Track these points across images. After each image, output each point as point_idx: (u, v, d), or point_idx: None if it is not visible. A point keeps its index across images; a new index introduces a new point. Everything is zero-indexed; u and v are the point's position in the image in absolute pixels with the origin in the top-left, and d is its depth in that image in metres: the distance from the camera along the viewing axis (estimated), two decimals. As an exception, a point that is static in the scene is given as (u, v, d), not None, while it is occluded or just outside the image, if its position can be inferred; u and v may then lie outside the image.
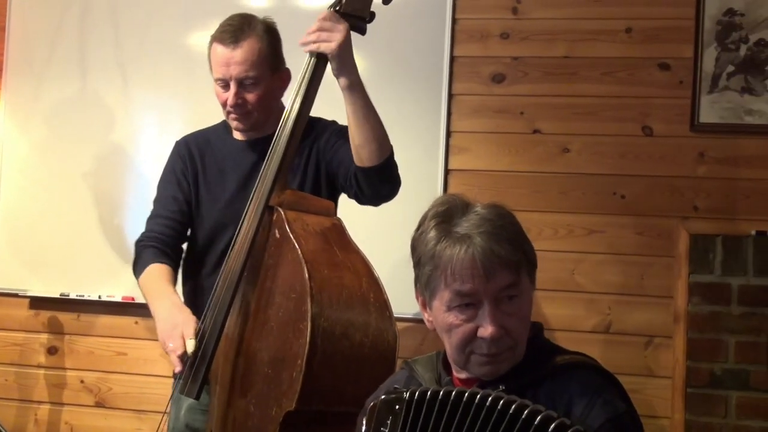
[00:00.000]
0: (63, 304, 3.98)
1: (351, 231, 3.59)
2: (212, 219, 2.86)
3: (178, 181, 2.90)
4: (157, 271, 2.77)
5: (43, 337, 4.02)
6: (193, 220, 2.90)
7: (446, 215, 1.77)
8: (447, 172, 3.73)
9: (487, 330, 1.73)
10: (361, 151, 2.63)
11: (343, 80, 2.58)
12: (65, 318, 4.01)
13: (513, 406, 1.61)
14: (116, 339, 3.85)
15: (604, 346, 3.50)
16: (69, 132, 4.02)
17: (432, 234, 1.76)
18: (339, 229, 2.57)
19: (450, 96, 3.75)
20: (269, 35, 2.79)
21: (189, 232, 2.92)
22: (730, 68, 3.54)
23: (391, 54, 3.78)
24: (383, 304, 2.43)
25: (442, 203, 1.81)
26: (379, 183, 2.69)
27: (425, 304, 1.83)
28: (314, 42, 2.57)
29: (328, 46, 2.54)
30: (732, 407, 3.41)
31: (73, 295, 3.92)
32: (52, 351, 4.01)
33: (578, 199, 3.65)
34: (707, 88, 3.54)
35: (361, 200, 2.76)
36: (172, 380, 2.82)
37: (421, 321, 2.13)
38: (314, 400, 2.30)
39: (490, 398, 1.63)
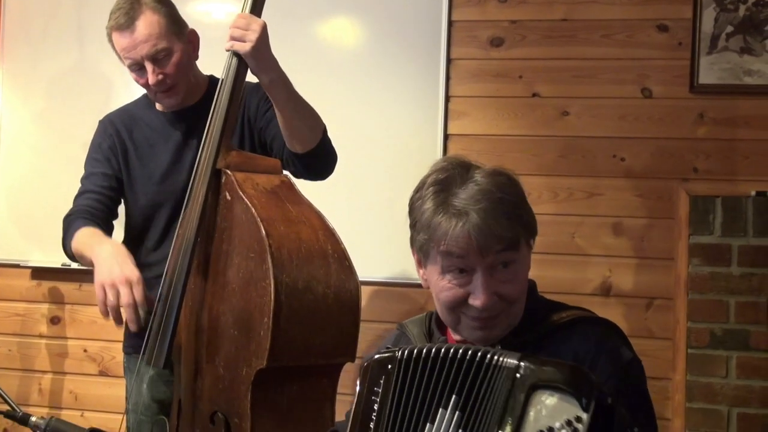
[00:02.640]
0: (64, 274, 3.99)
1: (349, 198, 3.62)
2: (148, 195, 2.85)
3: (107, 158, 2.87)
4: (91, 230, 2.69)
5: (45, 308, 4.04)
6: (126, 198, 2.88)
7: (445, 184, 1.75)
8: (446, 137, 3.73)
9: (478, 299, 1.73)
10: (292, 140, 2.63)
11: (263, 78, 2.54)
12: (67, 288, 4.02)
13: (507, 360, 1.60)
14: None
15: (605, 309, 3.51)
16: (68, 102, 4.02)
17: (429, 204, 1.75)
18: (288, 185, 2.58)
19: (448, 61, 3.74)
20: (161, 4, 2.74)
21: (124, 211, 2.90)
22: (729, 29, 3.52)
23: (389, 20, 3.77)
24: (342, 255, 2.45)
25: (442, 170, 1.78)
26: (313, 165, 2.69)
27: (420, 263, 1.84)
28: (228, 42, 2.51)
29: (242, 47, 2.48)
30: (732, 367, 3.42)
31: (74, 265, 3.91)
32: (54, 321, 4.02)
33: (578, 162, 3.64)
34: (706, 48, 3.53)
35: (297, 177, 2.75)
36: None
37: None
38: (284, 356, 2.32)
39: (486, 353, 1.62)
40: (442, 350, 1.65)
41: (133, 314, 2.42)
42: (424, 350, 1.67)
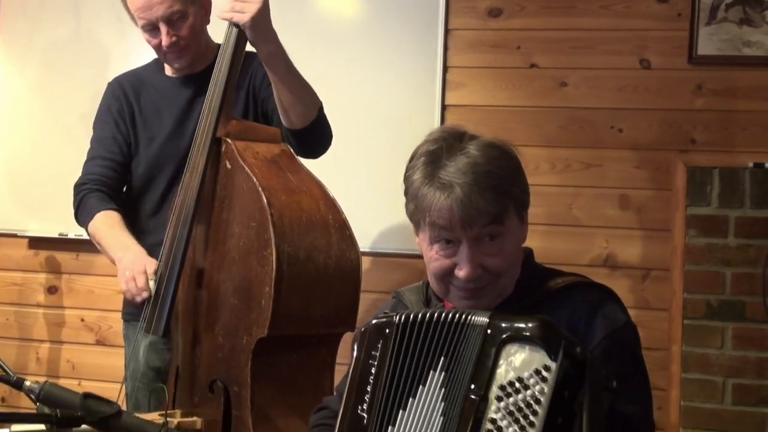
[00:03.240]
0: (62, 243, 3.99)
1: (346, 168, 3.61)
2: (150, 158, 2.85)
3: (115, 121, 2.87)
4: (109, 218, 2.75)
5: (42, 277, 4.04)
6: (132, 160, 2.89)
7: (434, 156, 1.75)
8: (444, 107, 3.72)
9: (462, 271, 1.74)
10: (288, 115, 2.63)
11: (261, 50, 2.53)
12: (64, 257, 4.02)
13: (478, 318, 1.63)
14: (116, 278, 3.84)
15: (602, 280, 3.38)
16: (65, 72, 4.01)
17: (418, 175, 1.76)
18: (288, 155, 2.58)
19: (446, 31, 3.73)
20: None
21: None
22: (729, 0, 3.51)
23: (387, -11, 3.76)
24: (342, 224, 2.46)
25: (435, 140, 1.78)
26: (309, 142, 2.69)
27: (415, 230, 1.86)
28: (228, 12, 2.50)
29: (241, 18, 2.47)
30: (728, 338, 3.44)
31: (71, 235, 3.93)
32: (51, 290, 4.03)
33: (575, 133, 3.64)
34: (705, 19, 3.52)
35: (296, 153, 2.76)
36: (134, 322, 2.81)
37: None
38: (284, 324, 2.34)
39: (461, 314, 1.65)
40: (435, 314, 1.68)
41: (144, 281, 2.52)
42: (419, 315, 1.70)
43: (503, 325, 1.60)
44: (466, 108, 3.72)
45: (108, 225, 2.75)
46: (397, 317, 1.72)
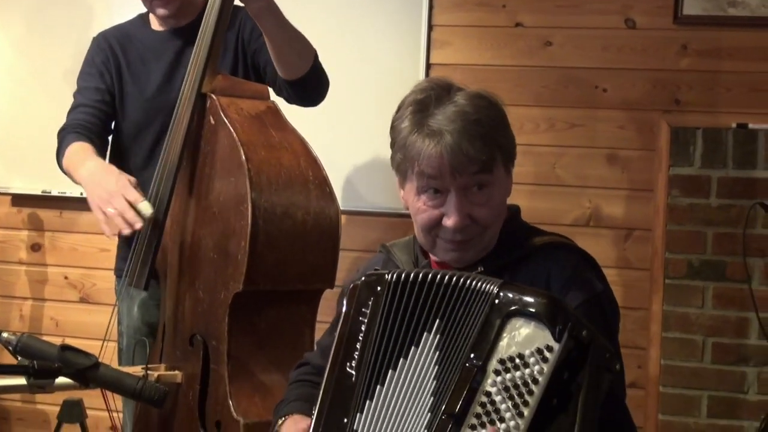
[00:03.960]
0: (45, 201, 3.98)
1: (331, 127, 3.60)
2: (138, 112, 2.84)
3: (100, 72, 2.86)
4: (80, 146, 2.70)
5: (25, 234, 4.03)
6: (117, 114, 2.87)
7: (423, 104, 1.75)
8: (428, 66, 3.71)
9: (450, 219, 1.75)
10: (283, 66, 2.62)
11: (251, 6, 2.50)
12: (47, 215, 4.01)
13: (487, 286, 1.61)
14: (99, 235, 3.81)
15: (585, 239, 3.48)
16: (48, 29, 3.97)
17: (406, 123, 1.76)
18: (274, 111, 2.58)
19: (432, -10, 3.71)
20: None
21: (113, 127, 2.89)
22: (715, -42, 3.50)
23: (372, -54, 3.73)
24: (323, 181, 2.47)
25: (423, 90, 1.78)
26: (305, 91, 2.69)
27: (400, 183, 1.85)
28: None
29: None
30: (709, 298, 3.46)
31: (54, 192, 3.92)
32: (35, 248, 4.02)
33: (560, 93, 3.63)
34: (691, -21, 3.51)
35: (291, 103, 2.76)
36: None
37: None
38: (261, 280, 2.35)
39: (468, 279, 1.64)
40: (430, 275, 1.66)
41: (133, 215, 2.42)
42: (412, 274, 1.69)
43: (511, 296, 1.58)
44: (450, 67, 3.70)
45: (75, 152, 2.69)
46: (390, 275, 1.71)
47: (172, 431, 2.56)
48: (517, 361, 1.53)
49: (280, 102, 2.72)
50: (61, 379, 2.33)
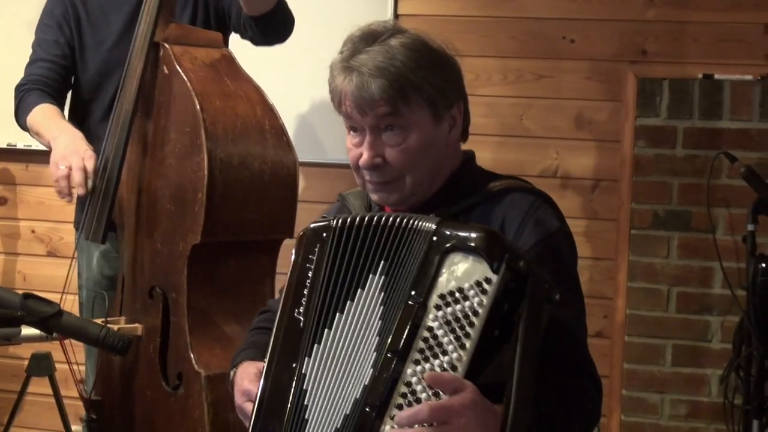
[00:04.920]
0: (11, 154, 3.95)
1: (293, 78, 3.57)
2: (98, 63, 2.83)
3: (58, 24, 2.84)
4: (48, 110, 2.72)
5: (-9, 188, 4.01)
6: (77, 66, 2.85)
7: (355, 42, 1.76)
8: (396, 17, 3.68)
9: (361, 158, 1.77)
10: (247, 3, 2.60)
11: None
12: (14, 168, 3.99)
13: (425, 224, 1.62)
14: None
15: (552, 191, 3.40)
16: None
17: (337, 59, 1.78)
18: (229, 60, 2.57)
19: (399, -61, 3.68)
20: None
21: (73, 80, 2.87)
22: None
23: None
24: (279, 131, 2.46)
25: (361, 29, 1.78)
26: (270, 28, 2.67)
27: None
28: None
29: None
30: (674, 248, 3.48)
31: (20, 145, 3.89)
32: (1, 201, 4.00)
33: (527, 44, 3.62)
34: (658, -72, 3.49)
35: (257, 43, 2.74)
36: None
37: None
38: (219, 231, 2.36)
39: (407, 219, 1.65)
40: (374, 218, 1.67)
41: (82, 178, 2.45)
42: (357, 218, 1.69)
43: (449, 233, 1.58)
44: (418, 18, 3.68)
45: (47, 115, 2.71)
46: (335, 221, 1.72)
47: (133, 385, 2.56)
48: (457, 294, 1.54)
49: (236, 50, 2.70)
50: (27, 331, 2.34)
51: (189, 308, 2.37)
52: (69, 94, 2.91)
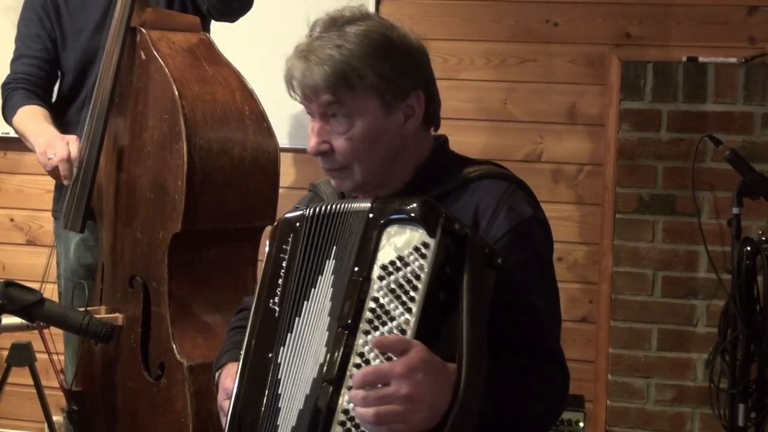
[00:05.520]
0: (-12, 142, 3.90)
1: (271, 63, 3.52)
2: (78, 52, 2.80)
3: (39, 17, 2.82)
4: (33, 111, 2.73)
5: (-31, 176, 3.96)
6: (59, 56, 2.83)
7: (317, 27, 1.74)
8: (378, 1, 3.65)
9: (309, 143, 1.77)
10: None
11: None
12: (-9, 156, 3.94)
13: (361, 204, 1.65)
14: (45, 176, 3.72)
15: (536, 175, 3.51)
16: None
17: (299, 42, 1.76)
18: (207, 44, 2.54)
19: None
20: None
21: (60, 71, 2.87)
22: None
23: None
24: (260, 116, 2.44)
25: (329, 14, 1.75)
26: (228, 2, 2.63)
27: None
28: None
29: None
30: (659, 232, 3.47)
31: (-2, 134, 3.85)
32: (-20, 190, 3.95)
33: (511, 27, 3.59)
34: None
35: (216, 17, 2.70)
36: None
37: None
38: (199, 219, 2.33)
39: (346, 203, 1.69)
40: (326, 207, 1.71)
41: (67, 169, 2.47)
42: (327, 207, 1.71)
43: (383, 207, 1.62)
44: (400, 2, 3.65)
45: (31, 117, 2.73)
46: (308, 210, 1.73)
47: (114, 375, 2.54)
48: (398, 263, 1.57)
49: (215, 34, 2.67)
50: (8, 320, 2.31)
51: (170, 298, 2.35)
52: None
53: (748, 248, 2.99)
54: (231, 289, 2.42)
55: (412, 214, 1.57)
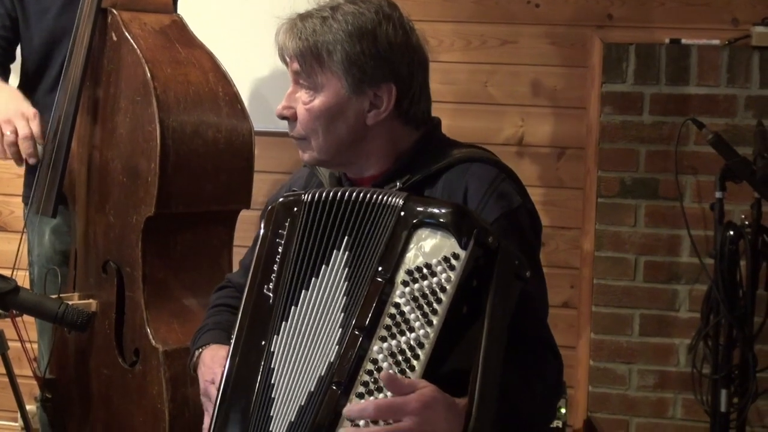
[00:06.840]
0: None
1: (248, 46, 3.48)
2: (44, 32, 2.73)
3: None
4: None
5: (-62, 162, 3.88)
6: (21, 37, 2.77)
7: (317, 8, 1.75)
8: (358, -18, 3.59)
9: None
10: None
11: None
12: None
13: (393, 199, 1.60)
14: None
15: (517, 159, 3.48)
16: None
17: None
18: (180, 26, 2.51)
19: None
20: None
21: (20, 52, 2.81)
22: None
23: None
24: (234, 98, 2.42)
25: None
26: None
27: None
28: None
29: None
30: (641, 216, 3.44)
31: (-33, 116, 3.76)
32: (-52, 174, 3.88)
33: (491, 9, 3.54)
34: None
35: None
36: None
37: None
38: (173, 202, 2.31)
39: (374, 194, 1.63)
40: (343, 193, 1.65)
41: (31, 147, 2.42)
42: (327, 193, 1.67)
43: (417, 208, 1.58)
44: (380, -17, 3.59)
45: None
46: (306, 195, 1.69)
47: (89, 362, 2.50)
48: (425, 271, 1.54)
49: (188, 16, 2.62)
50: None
51: (144, 282, 2.31)
52: (19, 68, 2.82)
53: (731, 233, 2.96)
54: (207, 272, 2.38)
55: (446, 220, 1.54)
